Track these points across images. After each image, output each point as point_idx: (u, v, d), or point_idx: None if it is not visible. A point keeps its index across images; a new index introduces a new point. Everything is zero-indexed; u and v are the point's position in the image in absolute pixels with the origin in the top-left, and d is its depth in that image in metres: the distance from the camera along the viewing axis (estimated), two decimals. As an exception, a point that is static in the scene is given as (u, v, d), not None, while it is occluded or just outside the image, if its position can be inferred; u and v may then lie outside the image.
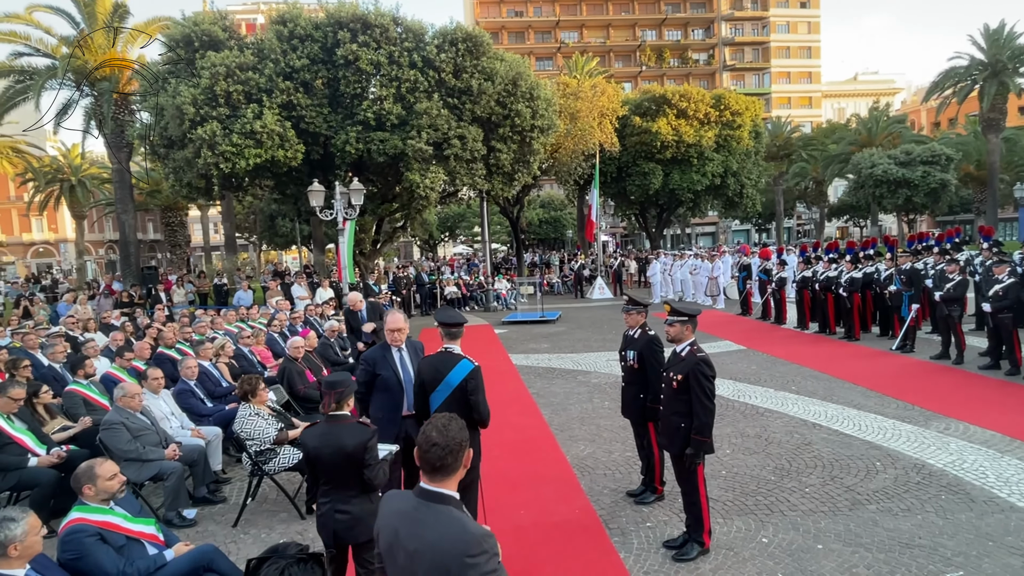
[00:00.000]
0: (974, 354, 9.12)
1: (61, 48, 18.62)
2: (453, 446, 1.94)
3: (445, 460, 1.93)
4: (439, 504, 1.91)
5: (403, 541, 1.90)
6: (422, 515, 1.91)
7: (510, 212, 25.94)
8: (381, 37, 15.12)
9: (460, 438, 1.97)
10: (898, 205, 31.53)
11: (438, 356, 3.87)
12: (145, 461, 4.90)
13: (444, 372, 3.76)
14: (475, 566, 1.77)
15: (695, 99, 25.54)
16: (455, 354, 3.85)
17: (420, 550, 1.85)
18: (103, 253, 47.50)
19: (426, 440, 1.95)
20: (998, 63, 29.76)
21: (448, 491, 1.94)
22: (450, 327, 3.92)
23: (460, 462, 1.96)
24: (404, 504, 1.98)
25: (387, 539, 1.97)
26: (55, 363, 7.05)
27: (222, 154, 13.81)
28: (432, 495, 1.93)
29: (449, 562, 1.79)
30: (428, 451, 1.93)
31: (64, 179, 33.64)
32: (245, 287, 16.30)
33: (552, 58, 56.31)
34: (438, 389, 3.76)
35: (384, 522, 2.01)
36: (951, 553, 3.95)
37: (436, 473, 1.94)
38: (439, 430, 1.96)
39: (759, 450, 5.98)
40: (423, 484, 1.96)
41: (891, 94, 62.95)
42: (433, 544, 1.83)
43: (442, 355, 3.86)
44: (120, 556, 3.24)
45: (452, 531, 1.84)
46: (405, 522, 1.92)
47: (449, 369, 3.76)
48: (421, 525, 1.89)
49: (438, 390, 3.76)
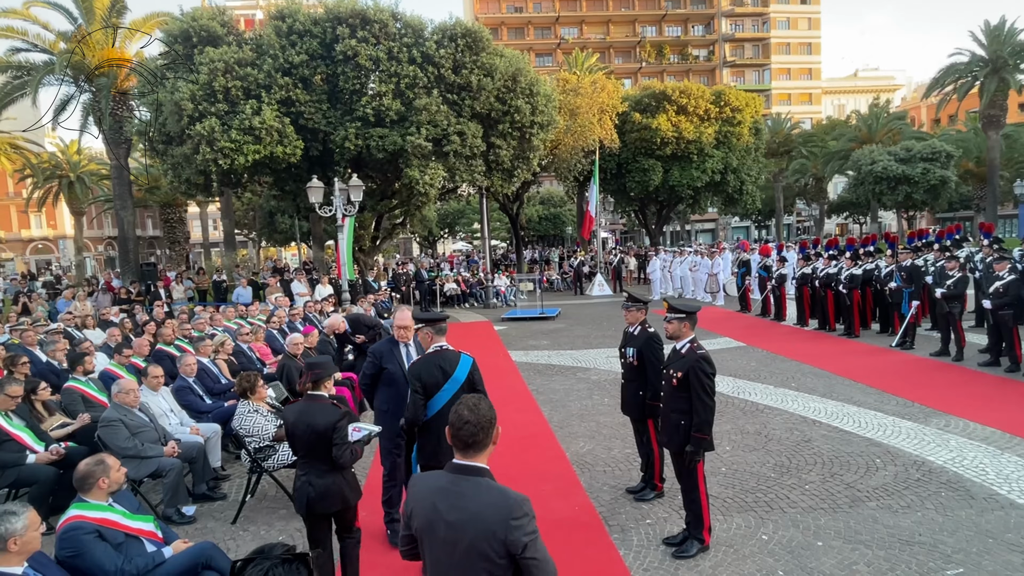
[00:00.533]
0: (974, 351, 9.12)
1: (59, 44, 18.52)
2: (484, 423, 2.07)
3: (477, 436, 2.05)
4: (475, 476, 2.03)
5: (443, 514, 1.98)
6: (461, 488, 2.01)
7: (510, 208, 25.90)
8: (380, 33, 15.07)
9: (490, 415, 2.10)
10: (898, 202, 31.49)
11: (437, 356, 3.84)
12: (144, 458, 4.89)
13: (451, 369, 3.77)
14: (519, 527, 1.91)
15: (695, 95, 25.47)
16: (453, 351, 3.86)
17: (463, 520, 1.95)
18: (102, 250, 47.45)
19: (459, 419, 2.07)
20: (999, 59, 29.67)
21: (482, 464, 2.06)
22: (437, 323, 3.92)
23: (491, 438, 2.09)
24: (438, 481, 2.08)
25: (424, 515, 2.04)
26: (53, 360, 7.04)
27: (221, 150, 13.77)
28: (467, 468, 2.05)
29: (495, 527, 1.90)
30: (461, 428, 2.06)
31: (63, 175, 33.55)
32: (244, 284, 16.27)
33: (552, 54, 56.14)
34: (444, 388, 3.75)
35: (418, 500, 2.08)
36: (951, 550, 3.95)
37: (469, 449, 2.06)
38: (470, 409, 2.09)
39: (759, 447, 5.98)
40: (456, 460, 2.08)
41: (891, 91, 62.84)
42: (477, 512, 1.94)
43: (440, 354, 3.85)
44: (118, 553, 3.23)
45: (493, 498, 1.97)
46: (443, 496, 2.01)
47: (455, 366, 3.78)
48: (461, 497, 1.99)
49: (444, 389, 3.75)
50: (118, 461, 3.51)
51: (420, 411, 3.77)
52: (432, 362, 3.81)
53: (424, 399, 3.75)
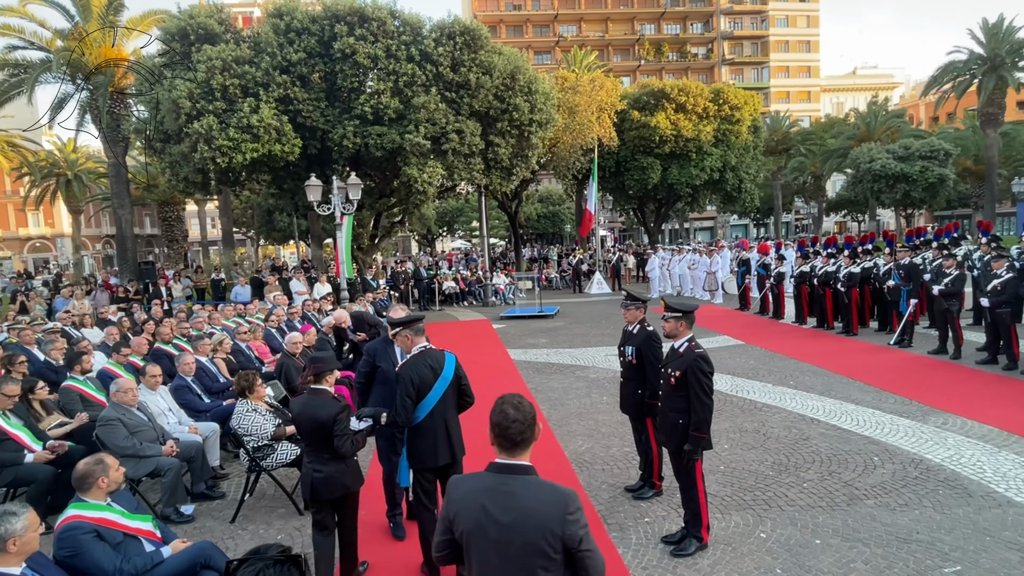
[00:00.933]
0: (971, 349, 9.13)
1: (56, 42, 18.46)
2: (530, 420, 2.08)
3: (525, 434, 2.06)
4: (524, 475, 2.03)
5: (495, 516, 1.97)
6: (511, 488, 2.00)
7: (508, 207, 25.88)
8: (378, 31, 15.03)
9: (533, 412, 2.12)
10: (896, 200, 31.51)
11: (425, 356, 3.84)
12: (142, 457, 4.88)
13: (439, 368, 3.80)
14: (575, 521, 1.93)
15: (694, 93, 25.45)
16: (437, 349, 3.91)
17: (518, 519, 1.94)
18: (100, 248, 47.36)
19: (505, 418, 2.06)
20: (997, 57, 29.69)
21: (527, 462, 2.07)
22: (414, 324, 3.94)
23: (535, 434, 2.10)
24: (483, 483, 2.06)
25: (472, 518, 2.02)
26: (51, 359, 7.03)
27: (219, 148, 13.74)
28: (514, 468, 2.05)
29: (552, 524, 1.92)
30: (509, 427, 2.05)
31: (60, 174, 33.47)
32: (243, 283, 16.25)
33: (550, 52, 56.07)
34: (435, 387, 3.77)
35: (464, 503, 2.06)
36: (949, 548, 3.96)
37: (516, 448, 2.06)
38: (515, 407, 2.08)
39: (757, 445, 5.99)
40: (501, 460, 2.07)
41: (890, 89, 62.83)
42: (532, 510, 1.94)
43: (427, 354, 3.86)
44: (117, 553, 3.23)
45: (546, 496, 1.97)
46: (493, 498, 2.00)
47: (443, 364, 3.82)
48: (514, 497, 1.98)
49: (435, 388, 3.77)
50: (117, 461, 3.51)
51: (411, 414, 3.75)
52: (421, 363, 3.80)
53: (415, 402, 3.74)
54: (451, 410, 3.87)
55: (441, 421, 3.79)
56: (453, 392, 3.86)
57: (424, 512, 3.84)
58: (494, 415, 2.10)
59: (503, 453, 2.07)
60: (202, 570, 3.39)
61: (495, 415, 2.10)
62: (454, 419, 3.89)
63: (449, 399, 3.83)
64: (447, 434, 3.80)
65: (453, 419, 3.88)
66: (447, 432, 3.80)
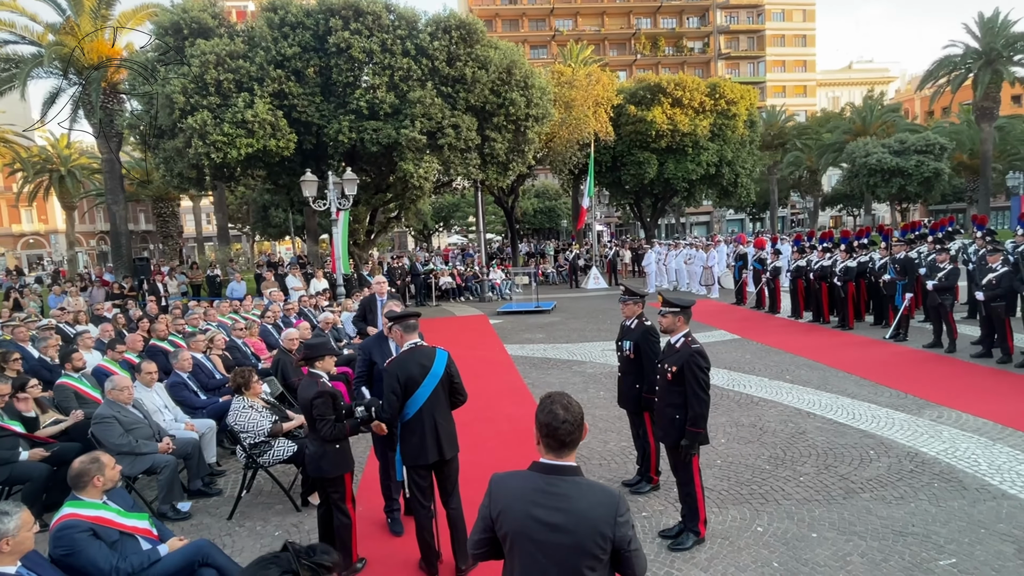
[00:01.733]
0: (966, 343, 9.18)
1: (47, 36, 18.29)
2: (578, 420, 2.04)
3: (574, 435, 2.02)
4: (572, 476, 2.01)
5: (543, 517, 1.95)
6: (560, 489, 1.98)
7: (505, 202, 25.85)
8: (374, 24, 14.94)
9: (581, 412, 2.08)
10: (891, 194, 31.62)
11: (414, 352, 3.83)
12: (138, 455, 4.86)
13: (429, 364, 3.78)
14: (625, 523, 1.94)
15: (690, 88, 25.44)
16: (428, 346, 3.89)
17: (569, 521, 1.93)
18: (94, 244, 47.10)
19: (555, 418, 2.01)
20: (992, 51, 29.76)
21: (574, 463, 2.04)
22: (404, 320, 3.93)
23: (581, 434, 2.06)
24: (531, 483, 2.03)
25: (519, 519, 1.99)
26: (46, 356, 6.99)
27: (213, 144, 13.65)
28: (563, 469, 2.02)
29: (603, 526, 1.92)
30: (559, 428, 2.00)
31: (53, 169, 33.24)
32: (238, 278, 16.19)
33: (547, 46, 55.86)
34: (424, 384, 3.75)
35: (510, 503, 2.02)
36: (944, 540, 3.99)
37: (564, 448, 2.02)
38: (564, 407, 2.03)
39: (754, 439, 6.00)
40: (546, 460, 2.03)
41: (885, 83, 62.87)
42: (584, 512, 1.93)
43: (415, 350, 3.84)
44: (113, 551, 3.21)
45: (596, 498, 1.96)
46: (542, 499, 1.98)
47: (432, 360, 3.80)
48: (564, 499, 1.96)
49: (424, 384, 3.75)
50: (113, 459, 3.49)
51: (396, 411, 3.76)
52: (410, 360, 3.80)
53: (401, 399, 3.74)
54: (441, 408, 3.83)
55: (430, 418, 3.77)
56: (444, 389, 3.83)
57: (420, 509, 3.84)
58: (542, 414, 2.04)
59: (550, 453, 2.03)
60: (200, 568, 3.38)
61: (543, 414, 2.03)
62: (444, 417, 3.85)
63: (439, 396, 3.81)
64: (436, 432, 3.78)
65: (443, 416, 3.84)
66: (436, 430, 3.78)
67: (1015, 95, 36.32)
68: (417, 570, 4.00)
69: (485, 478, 2.20)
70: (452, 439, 3.88)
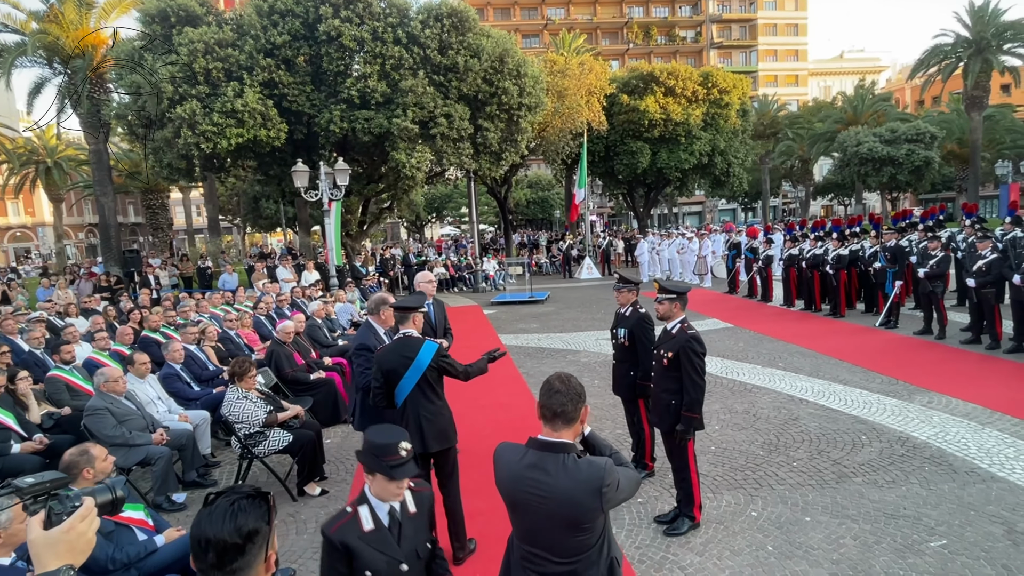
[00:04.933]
0: (956, 329, 9.28)
1: (31, 24, 17.95)
2: (573, 395, 2.08)
3: (566, 407, 2.07)
4: (560, 453, 2.06)
5: (533, 490, 2.05)
6: (547, 466, 2.05)
7: (498, 192, 25.75)
8: (364, 12, 14.76)
9: (580, 389, 2.12)
10: (882, 183, 31.76)
11: (401, 343, 3.81)
12: (132, 446, 4.84)
13: (412, 355, 3.73)
14: (610, 488, 2.01)
15: (683, 77, 25.35)
16: (416, 337, 3.82)
17: (555, 497, 2.02)
18: (83, 237, 46.55)
19: (549, 388, 2.11)
20: (982, 40, 29.82)
21: (567, 440, 2.09)
22: (400, 311, 3.89)
23: (579, 413, 2.10)
24: (525, 457, 2.11)
25: (511, 490, 2.11)
26: (36, 349, 6.92)
27: (203, 134, 13.48)
28: (552, 445, 2.08)
29: (588, 499, 2.00)
30: (552, 398, 2.08)
31: (39, 161, 32.74)
32: (230, 270, 16.07)
33: (539, 35, 55.47)
34: (407, 376, 3.71)
35: (504, 473, 2.15)
36: (934, 523, 4.04)
37: (557, 419, 2.08)
38: (561, 380, 2.12)
39: (747, 426, 6.05)
40: (541, 436, 2.11)
41: (876, 72, 63.00)
42: (568, 490, 2.01)
43: (404, 341, 3.81)
44: (108, 542, 3.20)
45: (582, 474, 2.02)
46: (532, 474, 2.06)
47: (416, 352, 3.73)
48: (549, 475, 2.04)
49: (407, 376, 3.72)
50: (105, 450, 3.46)
51: (379, 398, 3.80)
52: (393, 350, 3.80)
53: (383, 388, 3.76)
54: (428, 401, 3.77)
55: (414, 411, 3.74)
56: (430, 381, 3.76)
57: None
58: (541, 389, 2.15)
59: (546, 427, 2.11)
60: (197, 557, 3.37)
61: (542, 389, 2.14)
62: (430, 410, 3.77)
63: (425, 388, 3.75)
64: (418, 424, 3.75)
65: (428, 410, 3.77)
66: (418, 422, 3.75)
67: (1004, 84, 36.41)
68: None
69: (481, 466, 2.24)
70: (441, 434, 3.80)
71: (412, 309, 3.90)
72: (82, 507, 1.35)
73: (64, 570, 1.26)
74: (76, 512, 1.34)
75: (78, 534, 1.31)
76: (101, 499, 1.43)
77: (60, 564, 1.27)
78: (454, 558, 3.87)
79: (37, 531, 1.30)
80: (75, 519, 1.32)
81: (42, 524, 1.32)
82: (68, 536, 1.30)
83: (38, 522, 1.32)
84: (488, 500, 4.53)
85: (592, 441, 2.29)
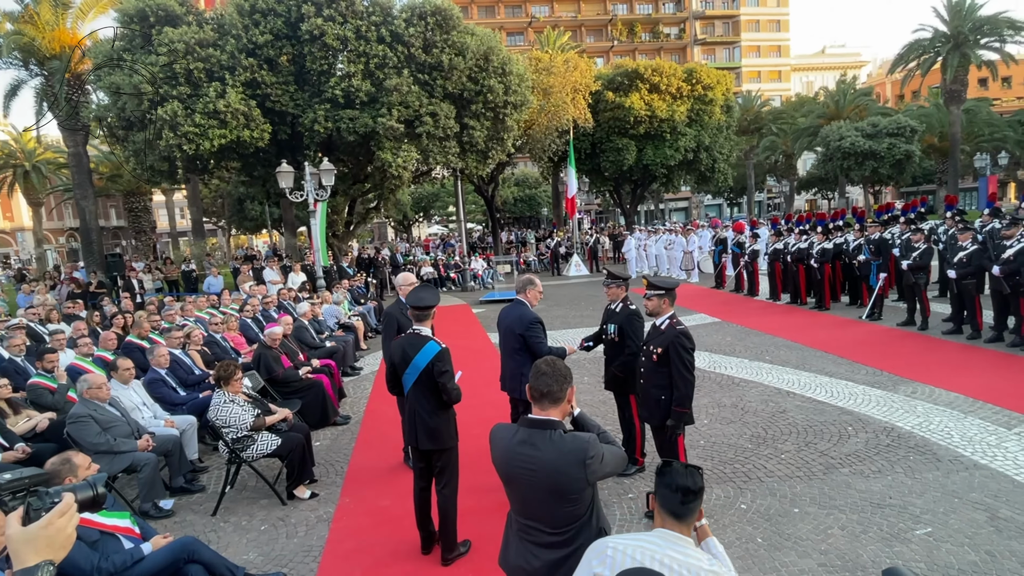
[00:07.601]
0: (938, 320, 9.42)
1: (5, 24, 17.60)
2: (558, 375, 2.27)
3: (551, 387, 2.25)
4: (547, 429, 2.24)
5: (523, 464, 2.23)
6: (535, 441, 2.23)
7: (485, 190, 25.72)
8: (347, 11, 14.64)
9: (565, 371, 2.30)
10: (865, 177, 32.16)
11: (407, 338, 3.84)
12: (117, 453, 4.76)
13: (412, 354, 3.75)
14: (594, 460, 2.16)
15: (667, 73, 25.47)
16: (423, 336, 3.81)
17: (542, 470, 2.19)
18: (64, 241, 45.75)
19: (536, 371, 2.30)
20: (960, 35, 30.27)
21: (554, 418, 2.27)
22: (418, 310, 3.88)
23: (564, 393, 2.28)
24: (515, 435, 2.30)
25: (504, 465, 2.31)
26: (16, 357, 6.79)
27: (185, 135, 13.31)
28: (540, 423, 2.26)
29: (573, 471, 2.16)
30: (538, 380, 2.27)
31: (17, 164, 32.19)
32: (215, 273, 15.89)
33: (523, 33, 55.40)
34: (407, 373, 3.77)
35: (497, 452, 2.35)
36: (920, 511, 4.10)
37: (543, 399, 2.27)
38: (547, 363, 2.31)
39: (736, 419, 6.10)
40: (531, 415, 2.30)
41: (858, 67, 63.69)
42: (554, 462, 2.18)
43: (410, 337, 3.83)
44: (94, 551, 3.15)
45: (567, 447, 2.19)
46: (522, 449, 2.25)
47: (417, 351, 3.73)
48: (537, 449, 2.22)
49: (407, 373, 3.78)
50: (88, 458, 3.41)
51: (392, 385, 4.05)
52: (400, 345, 3.87)
53: (392, 377, 4.00)
54: (424, 400, 3.77)
55: (411, 406, 3.82)
56: (426, 383, 3.74)
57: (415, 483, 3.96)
58: (530, 373, 2.32)
59: (535, 406, 2.29)
60: (186, 564, 3.33)
61: (531, 372, 2.32)
62: (426, 411, 3.77)
63: (422, 389, 3.75)
64: (414, 420, 3.79)
65: (424, 410, 3.77)
66: (414, 418, 3.79)
67: (981, 78, 36.99)
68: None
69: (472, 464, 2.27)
70: (432, 433, 3.78)
71: (428, 308, 3.89)
72: (61, 503, 1.33)
73: (43, 566, 1.24)
74: (55, 507, 1.32)
75: (57, 529, 1.29)
76: (82, 495, 1.41)
77: (39, 560, 1.25)
78: (442, 559, 3.87)
79: (15, 527, 1.28)
80: (54, 515, 1.30)
81: (20, 520, 1.30)
82: (47, 532, 1.28)
83: (16, 518, 1.30)
84: (478, 499, 4.53)
85: (582, 420, 2.48)
